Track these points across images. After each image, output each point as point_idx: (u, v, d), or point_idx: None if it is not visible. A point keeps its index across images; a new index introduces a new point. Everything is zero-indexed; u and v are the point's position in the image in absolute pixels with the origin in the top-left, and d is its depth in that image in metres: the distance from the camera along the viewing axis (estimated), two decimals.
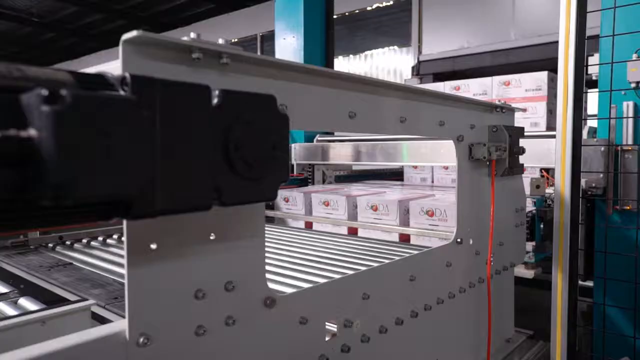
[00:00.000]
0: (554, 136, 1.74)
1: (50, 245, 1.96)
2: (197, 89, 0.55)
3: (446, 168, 3.20)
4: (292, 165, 3.10)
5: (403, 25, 7.49)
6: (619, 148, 1.94)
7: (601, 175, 1.96)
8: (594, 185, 1.94)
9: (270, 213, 2.58)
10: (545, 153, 1.91)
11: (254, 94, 0.65)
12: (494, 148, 1.48)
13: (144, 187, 0.46)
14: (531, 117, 2.93)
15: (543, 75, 2.85)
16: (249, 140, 0.62)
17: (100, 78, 0.49)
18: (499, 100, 1.64)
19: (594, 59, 2.13)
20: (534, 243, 1.90)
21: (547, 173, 2.24)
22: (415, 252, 1.43)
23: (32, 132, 0.39)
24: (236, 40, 10.23)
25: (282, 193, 2.57)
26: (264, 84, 0.85)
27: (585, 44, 1.63)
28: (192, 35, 0.72)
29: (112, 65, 0.69)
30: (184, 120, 0.52)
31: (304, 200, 2.50)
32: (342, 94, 1.01)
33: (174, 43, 0.69)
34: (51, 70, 0.46)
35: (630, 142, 1.92)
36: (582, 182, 1.82)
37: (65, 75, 0.46)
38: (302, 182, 3.13)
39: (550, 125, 2.80)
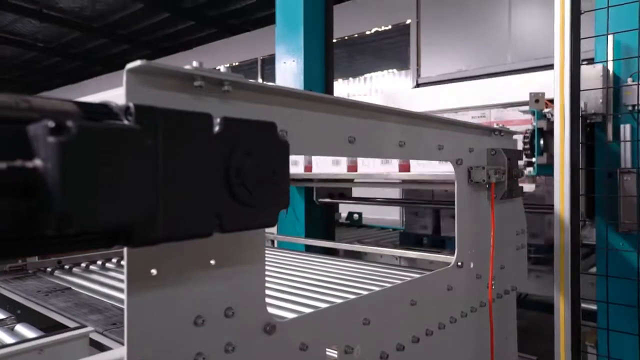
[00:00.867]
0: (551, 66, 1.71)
1: (49, 269, 1.95)
2: (199, 117, 0.56)
3: (446, 191, 3.21)
4: None
5: (402, 49, 7.60)
6: (617, 171, 1.95)
7: None
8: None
9: None
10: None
11: (255, 121, 0.66)
12: (493, 171, 1.49)
13: (146, 215, 0.47)
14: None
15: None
16: (250, 166, 0.62)
17: (104, 108, 0.50)
18: (497, 124, 1.66)
19: None
20: (533, 159, 1.89)
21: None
22: (416, 275, 1.43)
23: (37, 162, 0.39)
24: (237, 63, 10.37)
25: None
26: (265, 110, 0.86)
27: (580, 68, 1.65)
28: (195, 64, 0.74)
29: (115, 93, 0.71)
30: (186, 148, 0.53)
31: None
32: (341, 119, 1.03)
33: (176, 72, 0.71)
34: (57, 100, 0.47)
35: (628, 165, 1.93)
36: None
37: (70, 105, 0.47)
38: None
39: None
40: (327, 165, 2.47)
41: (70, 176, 0.39)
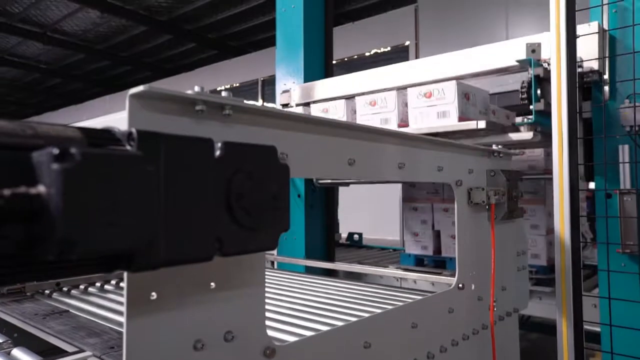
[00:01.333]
0: None
1: (47, 291, 1.93)
2: (200, 143, 0.57)
3: (446, 211, 3.21)
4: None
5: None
6: (617, 191, 1.96)
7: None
8: None
9: None
10: None
11: (255, 145, 0.67)
12: (493, 192, 1.49)
13: (147, 240, 0.47)
14: (529, 160, 2.96)
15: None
16: (250, 190, 0.63)
17: (107, 133, 0.51)
18: (497, 145, 1.67)
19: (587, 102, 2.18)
20: (531, 107, 1.90)
21: None
22: (417, 297, 1.42)
23: (41, 188, 0.40)
24: (238, 84, 10.49)
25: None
26: (265, 133, 0.87)
27: (577, 90, 1.67)
28: (196, 88, 0.75)
29: (118, 116, 0.72)
30: (187, 173, 0.54)
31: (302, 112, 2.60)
32: (341, 142, 1.04)
33: (178, 96, 0.72)
34: (61, 127, 0.47)
35: (628, 185, 1.94)
36: None
37: (74, 131, 0.47)
38: None
39: (548, 168, 2.82)
40: None
41: (73, 202, 0.39)
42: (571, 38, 1.74)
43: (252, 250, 0.66)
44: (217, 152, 0.60)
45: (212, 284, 0.76)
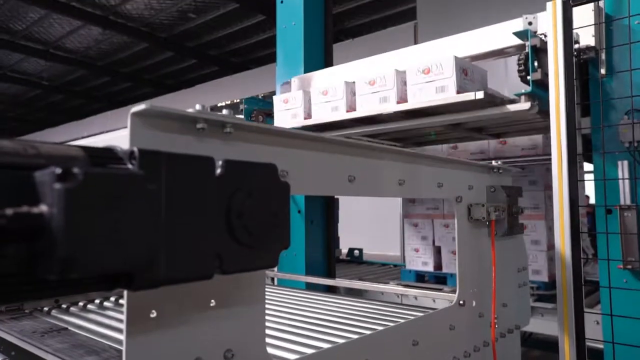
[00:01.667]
0: None
1: (46, 309, 1.92)
2: (201, 161, 0.57)
3: (447, 227, 3.20)
4: None
5: None
6: (617, 207, 1.96)
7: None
8: None
9: None
10: None
11: (256, 163, 0.67)
12: (493, 208, 1.49)
13: (148, 258, 0.47)
14: (529, 175, 2.97)
15: (538, 135, 2.92)
16: (251, 208, 0.63)
17: (109, 152, 0.52)
18: (497, 161, 1.67)
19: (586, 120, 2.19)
20: (528, 77, 1.89)
21: None
22: (418, 314, 1.41)
23: (43, 208, 0.40)
24: (238, 100, 10.55)
25: (281, 97, 2.69)
26: (266, 151, 0.87)
27: (575, 108, 1.68)
28: (197, 106, 0.76)
29: (120, 134, 0.72)
30: (189, 192, 0.54)
31: (303, 97, 2.57)
32: (341, 158, 1.04)
33: (179, 114, 0.73)
34: (64, 146, 0.48)
35: (628, 201, 1.94)
36: None
37: (77, 151, 0.48)
38: None
39: (548, 183, 2.83)
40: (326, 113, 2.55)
41: (74, 222, 0.39)
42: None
43: (252, 268, 0.66)
44: (218, 170, 0.60)
45: (212, 301, 0.76)
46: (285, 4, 3.50)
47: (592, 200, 2.17)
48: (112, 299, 2.06)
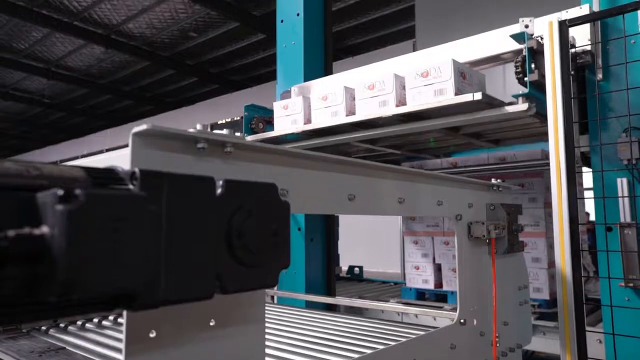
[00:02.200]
0: None
1: (43, 328, 1.90)
2: (202, 181, 0.58)
3: (447, 244, 3.19)
4: None
5: None
6: (617, 225, 1.96)
7: None
8: None
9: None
10: None
11: (256, 183, 0.67)
12: (493, 226, 1.49)
13: (148, 279, 0.47)
14: (529, 193, 2.97)
15: (537, 151, 2.93)
16: (251, 228, 0.63)
17: (110, 173, 0.52)
18: (496, 179, 1.68)
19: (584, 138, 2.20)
20: (526, 78, 1.90)
21: None
22: (419, 332, 1.40)
23: (44, 229, 0.40)
24: (238, 118, 10.60)
25: (280, 103, 2.74)
26: (266, 170, 0.88)
27: (573, 126, 1.70)
28: (198, 126, 0.77)
29: (121, 153, 0.73)
30: (189, 212, 0.54)
31: (303, 102, 2.62)
32: (341, 177, 1.05)
33: (180, 134, 0.73)
34: (65, 167, 0.48)
35: (628, 219, 1.94)
36: None
37: (79, 171, 0.48)
38: None
39: (547, 201, 2.83)
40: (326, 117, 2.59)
41: (76, 243, 0.40)
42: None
43: (252, 288, 0.66)
44: (219, 190, 0.60)
45: (212, 321, 0.76)
46: (286, 24, 3.55)
47: (593, 217, 2.17)
48: (111, 317, 2.05)
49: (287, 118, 2.72)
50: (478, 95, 1.98)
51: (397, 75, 2.31)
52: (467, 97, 2.01)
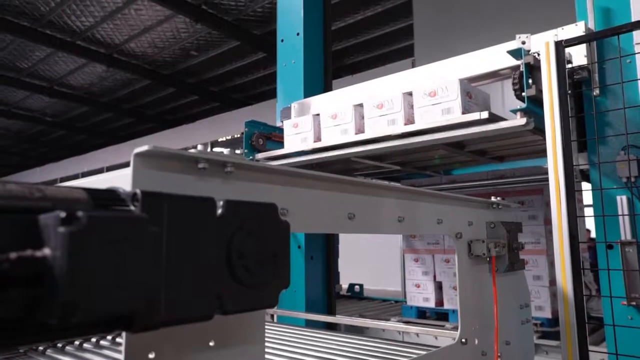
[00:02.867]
0: None
1: (41, 348, 1.89)
2: (203, 202, 0.58)
3: (448, 262, 3.18)
4: None
5: None
6: (618, 242, 1.95)
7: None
8: None
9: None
10: None
11: (256, 203, 0.68)
12: (493, 244, 1.49)
13: (148, 300, 0.47)
14: (529, 210, 2.97)
15: (535, 167, 2.94)
16: (251, 248, 0.63)
17: (112, 194, 0.52)
18: (496, 197, 1.68)
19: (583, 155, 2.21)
20: (523, 93, 1.92)
21: None
22: (420, 352, 1.38)
23: (46, 251, 0.40)
24: (238, 135, 10.65)
25: (290, 122, 2.81)
26: (266, 189, 0.88)
27: (571, 144, 1.70)
28: (199, 147, 0.77)
29: (122, 173, 0.73)
30: (190, 233, 0.54)
31: (313, 121, 2.66)
32: (341, 196, 1.05)
33: (181, 155, 0.74)
34: (68, 189, 0.49)
35: (629, 237, 1.93)
36: None
37: (80, 193, 0.49)
38: None
39: (548, 218, 2.83)
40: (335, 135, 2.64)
41: (77, 265, 0.40)
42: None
43: (252, 308, 0.66)
44: (219, 211, 0.61)
45: (211, 342, 0.75)
46: (286, 43, 3.59)
47: (594, 234, 2.17)
48: (109, 337, 2.03)
49: (297, 136, 2.78)
50: (485, 114, 2.04)
51: (405, 94, 2.37)
52: (474, 116, 2.06)
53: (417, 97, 2.28)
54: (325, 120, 2.65)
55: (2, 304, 0.39)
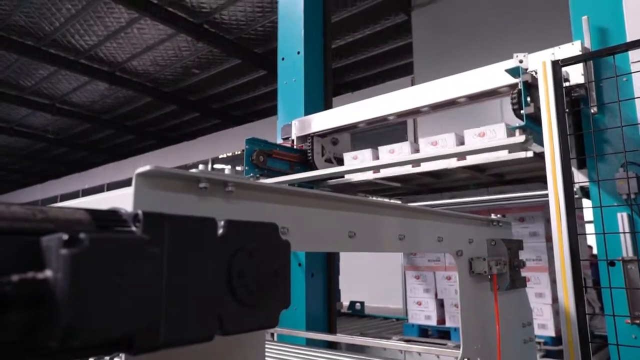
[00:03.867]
0: None
1: None
2: (204, 222, 0.58)
3: (449, 279, 3.16)
4: (292, 140, 3.33)
5: (400, 134, 7.83)
6: (620, 259, 1.94)
7: None
8: None
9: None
10: None
11: (257, 223, 0.68)
12: (494, 262, 1.48)
13: (149, 322, 0.47)
14: (530, 227, 2.96)
15: (536, 185, 2.94)
16: (252, 268, 0.63)
17: (114, 215, 0.53)
18: (496, 214, 1.68)
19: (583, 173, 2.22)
20: (522, 111, 1.95)
21: None
22: None
23: (48, 273, 0.41)
24: (239, 152, 10.69)
25: (350, 154, 3.09)
26: (267, 208, 0.89)
27: (570, 163, 1.71)
28: (201, 167, 0.78)
29: (124, 192, 0.74)
30: (191, 253, 0.55)
31: (372, 154, 2.97)
32: (341, 215, 1.05)
33: (182, 175, 0.74)
34: (70, 209, 0.49)
35: (630, 254, 1.93)
36: None
37: (82, 214, 0.49)
38: (303, 153, 3.29)
39: (549, 234, 2.82)
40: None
41: (79, 288, 0.40)
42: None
43: (253, 329, 0.65)
44: (220, 231, 0.61)
45: None
46: (286, 61, 3.63)
47: (595, 251, 2.16)
48: (107, 358, 2.01)
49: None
50: (530, 153, 2.18)
51: (457, 134, 2.64)
52: (520, 155, 2.24)
53: (468, 137, 2.55)
54: (383, 153, 2.91)
55: (2, 327, 0.39)
